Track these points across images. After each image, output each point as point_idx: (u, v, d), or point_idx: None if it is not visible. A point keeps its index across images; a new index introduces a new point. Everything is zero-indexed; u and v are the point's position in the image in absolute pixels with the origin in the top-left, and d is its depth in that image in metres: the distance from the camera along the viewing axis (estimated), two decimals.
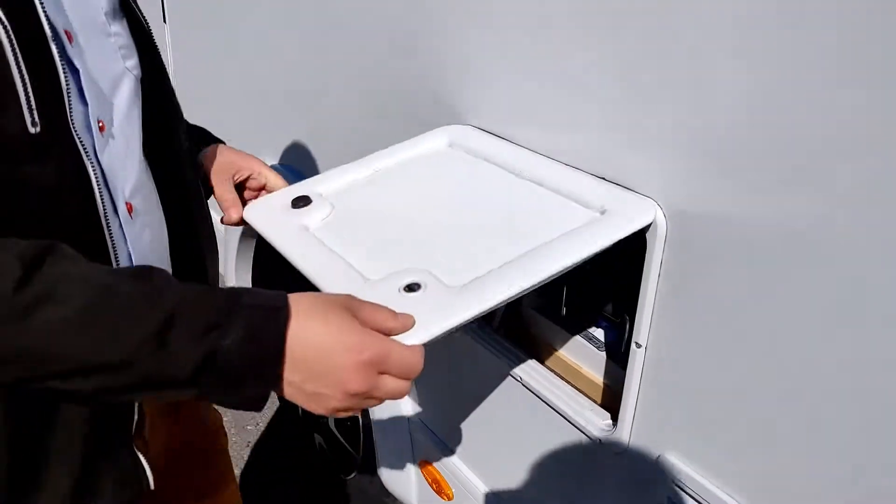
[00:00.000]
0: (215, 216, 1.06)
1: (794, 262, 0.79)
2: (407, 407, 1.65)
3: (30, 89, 0.68)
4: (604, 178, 1.00)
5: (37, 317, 0.59)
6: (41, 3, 0.70)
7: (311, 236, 0.98)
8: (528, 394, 1.25)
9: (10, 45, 0.66)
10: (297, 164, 1.86)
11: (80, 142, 0.74)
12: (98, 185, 0.76)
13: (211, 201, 1.08)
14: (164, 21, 2.37)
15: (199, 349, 0.62)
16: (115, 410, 0.84)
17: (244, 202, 1.09)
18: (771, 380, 0.85)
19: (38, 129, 0.69)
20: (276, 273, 1.57)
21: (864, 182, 0.71)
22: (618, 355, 1.27)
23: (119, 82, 0.85)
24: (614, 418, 1.14)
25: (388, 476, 1.74)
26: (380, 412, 1.72)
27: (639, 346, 1.00)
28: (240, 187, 1.10)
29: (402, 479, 1.70)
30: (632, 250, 1.16)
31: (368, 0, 1.40)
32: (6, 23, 0.66)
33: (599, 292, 1.30)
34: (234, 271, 2.16)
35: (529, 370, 1.26)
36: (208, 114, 1.57)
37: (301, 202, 1.04)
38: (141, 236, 0.86)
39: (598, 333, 1.34)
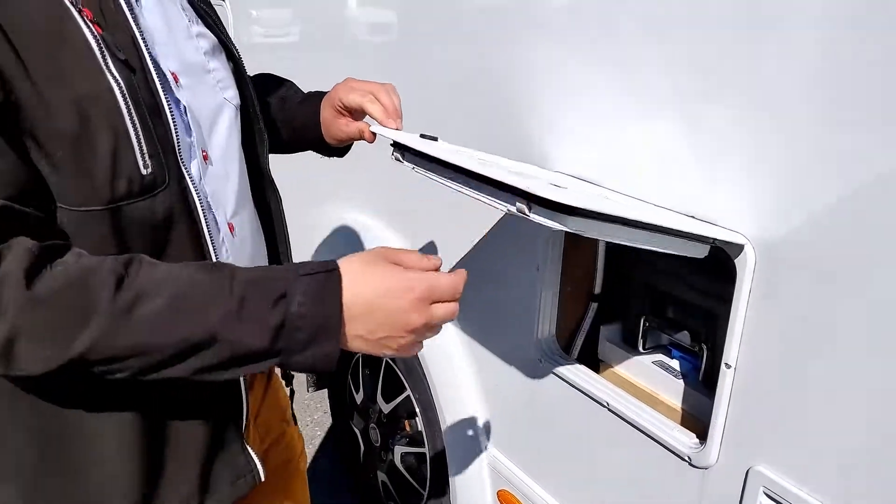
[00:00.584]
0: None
1: (865, 285, 0.90)
2: (483, 437, 1.75)
3: (141, 137, 0.78)
4: (693, 217, 1.13)
5: (136, 314, 0.70)
6: (149, 53, 0.81)
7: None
8: (614, 418, 1.35)
9: (124, 99, 0.76)
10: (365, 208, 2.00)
11: (188, 172, 0.84)
12: (203, 209, 0.86)
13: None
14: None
15: (272, 318, 0.73)
16: (227, 407, 0.94)
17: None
18: (844, 393, 0.95)
19: (150, 169, 0.79)
20: None
21: None
22: (694, 382, 1.37)
23: (219, 113, 0.95)
24: (699, 438, 1.23)
25: None
26: (454, 444, 1.81)
27: (728, 366, 1.10)
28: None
29: None
30: (707, 287, 1.28)
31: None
32: (119, 79, 0.76)
33: (675, 324, 1.40)
34: None
35: (615, 395, 1.36)
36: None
37: (429, 137, 1.14)
38: (242, 253, 0.97)
39: (674, 363, 1.45)
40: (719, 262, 1.27)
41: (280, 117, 1.23)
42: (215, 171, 0.93)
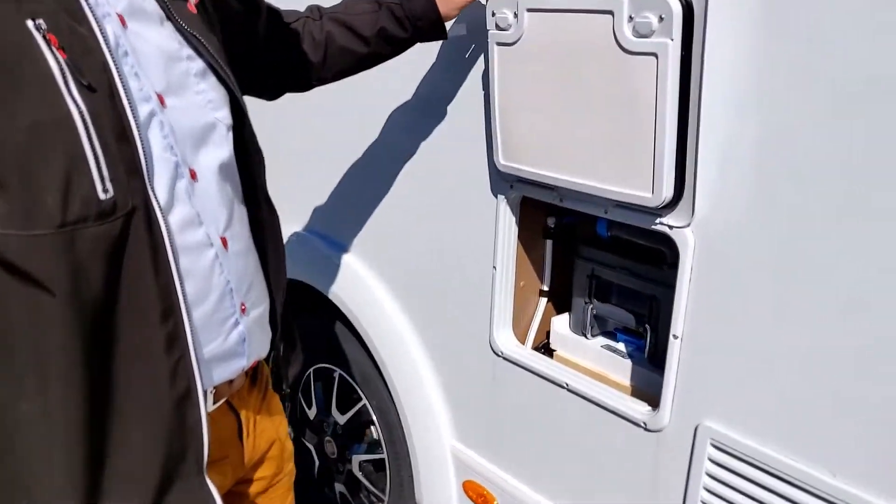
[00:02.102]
0: None
1: (782, 264, 1.10)
2: (446, 432, 1.86)
3: (101, 161, 0.80)
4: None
5: None
6: (119, 76, 0.83)
7: None
8: (573, 397, 1.50)
9: (84, 124, 0.78)
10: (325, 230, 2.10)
11: (155, 196, 0.86)
12: (170, 234, 0.88)
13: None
14: None
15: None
16: (187, 437, 0.93)
17: None
18: (774, 351, 1.14)
19: (110, 193, 0.81)
20: None
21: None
22: (640, 360, 1.54)
23: (209, 132, 0.97)
24: (651, 406, 1.40)
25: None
26: (418, 442, 1.92)
27: (676, 337, 1.28)
28: None
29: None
30: (648, 275, 1.46)
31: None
32: (81, 104, 0.78)
33: (620, 310, 1.58)
34: None
35: (573, 376, 1.51)
36: None
37: None
38: (236, 266, 1.00)
39: (620, 346, 1.62)
40: (656, 253, 1.46)
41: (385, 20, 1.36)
42: (204, 188, 0.96)
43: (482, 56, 1.46)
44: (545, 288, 1.73)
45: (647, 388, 1.50)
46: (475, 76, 1.50)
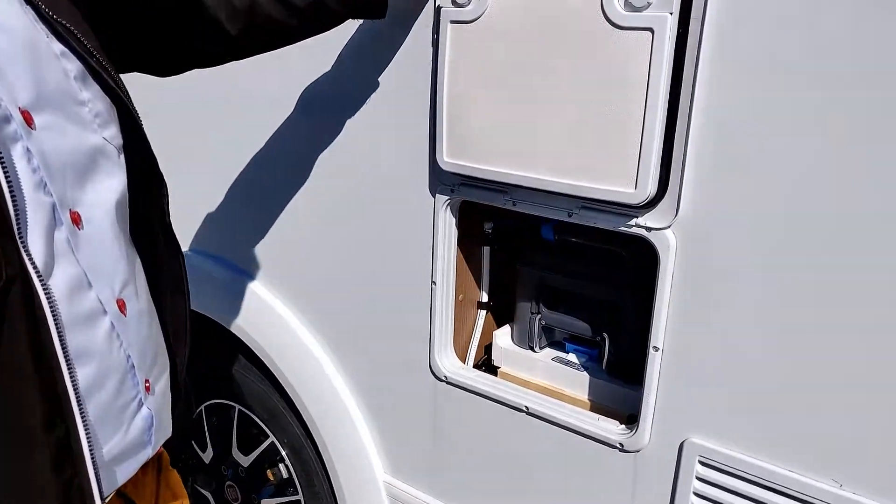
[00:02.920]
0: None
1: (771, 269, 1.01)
2: (377, 468, 1.66)
3: None
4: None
5: None
6: None
7: None
8: (534, 421, 1.35)
9: None
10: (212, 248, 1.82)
11: (31, 260, 0.66)
12: (53, 310, 0.68)
13: None
14: None
15: None
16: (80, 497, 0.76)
17: None
18: (762, 359, 1.06)
19: None
20: None
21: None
22: (597, 372, 1.42)
23: (95, 158, 0.76)
24: (622, 424, 1.28)
25: None
26: (345, 479, 1.70)
27: (656, 349, 1.16)
28: None
29: None
30: (605, 278, 1.35)
31: None
32: None
33: (573, 321, 1.45)
34: None
35: (533, 398, 1.36)
36: None
37: None
38: (137, 332, 0.81)
39: (571, 357, 1.50)
40: (612, 255, 1.34)
41: None
42: (92, 235, 0.74)
43: (415, 36, 1.28)
44: (484, 299, 1.57)
45: (608, 403, 1.38)
46: (408, 59, 1.31)
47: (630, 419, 1.33)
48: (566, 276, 1.42)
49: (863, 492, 1.02)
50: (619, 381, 1.38)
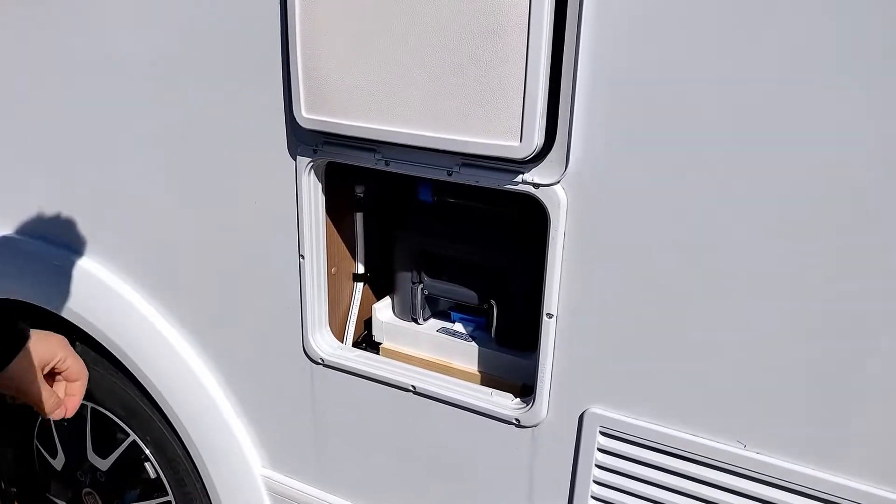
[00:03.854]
0: None
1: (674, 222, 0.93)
2: (254, 461, 1.50)
3: None
4: None
5: None
6: None
7: None
8: (423, 401, 1.24)
9: None
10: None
11: None
12: None
13: None
14: None
15: None
16: None
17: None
18: (678, 319, 0.98)
19: None
20: None
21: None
22: (485, 341, 1.32)
23: None
24: (517, 396, 1.19)
25: None
26: (217, 476, 1.53)
27: (550, 316, 1.06)
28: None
29: None
30: (488, 241, 1.24)
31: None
32: None
33: (458, 289, 1.33)
34: None
35: (420, 376, 1.24)
36: None
37: None
38: None
39: (458, 327, 1.38)
40: (497, 215, 1.23)
41: None
42: None
43: None
44: (360, 271, 1.43)
45: (500, 374, 1.29)
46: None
47: (525, 390, 1.24)
48: (448, 240, 1.30)
49: (767, 452, 0.97)
50: (511, 350, 1.29)
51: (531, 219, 1.18)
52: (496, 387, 1.24)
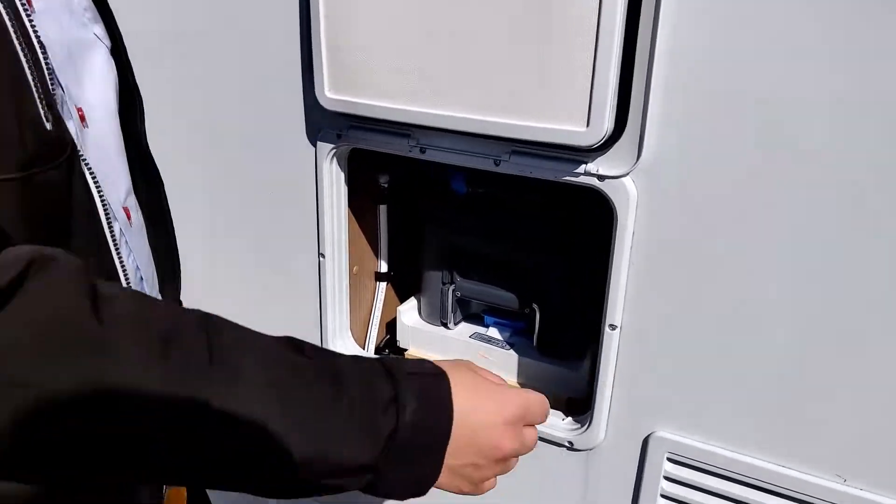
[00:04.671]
0: None
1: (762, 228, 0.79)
2: None
3: (36, 79, 0.53)
4: None
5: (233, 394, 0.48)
6: None
7: None
8: None
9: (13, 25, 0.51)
10: None
11: (77, 136, 0.60)
12: (98, 188, 0.62)
13: None
14: None
15: (384, 426, 0.54)
16: None
17: None
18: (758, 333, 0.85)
19: (51, 125, 0.55)
20: None
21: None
22: (525, 349, 1.19)
23: (90, 54, 0.66)
24: (569, 415, 1.05)
25: None
26: None
27: (614, 327, 0.93)
28: None
29: None
30: (533, 239, 1.10)
31: None
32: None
33: (496, 290, 1.19)
34: None
35: None
36: None
37: None
38: (141, 247, 0.73)
39: (493, 333, 1.25)
40: (538, 209, 1.09)
41: None
42: (96, 136, 0.65)
43: None
44: (383, 269, 1.29)
45: (541, 385, 1.15)
46: None
47: (571, 405, 1.11)
48: (484, 236, 1.16)
49: (872, 489, 0.84)
50: (555, 359, 1.15)
51: (581, 213, 1.04)
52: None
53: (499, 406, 0.61)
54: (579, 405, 1.11)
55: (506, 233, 1.14)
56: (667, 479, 0.96)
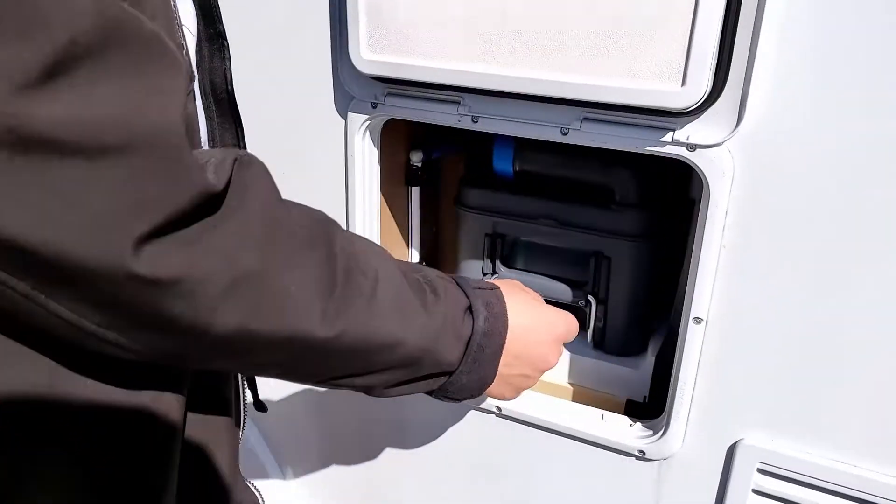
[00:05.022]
0: None
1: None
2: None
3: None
4: None
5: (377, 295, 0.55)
6: None
7: None
8: (507, 424, 0.98)
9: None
10: None
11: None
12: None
13: None
14: None
15: (464, 330, 0.63)
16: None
17: None
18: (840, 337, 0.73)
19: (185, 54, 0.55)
20: None
21: None
22: (579, 346, 1.06)
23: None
24: (636, 420, 0.93)
25: None
26: None
27: (699, 321, 0.80)
28: None
29: None
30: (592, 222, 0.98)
31: None
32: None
33: (547, 281, 1.07)
34: None
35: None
36: None
37: None
38: None
39: None
40: (596, 190, 0.97)
41: None
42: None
43: None
44: (415, 258, 1.16)
45: (598, 386, 1.04)
46: None
47: (630, 407, 0.99)
48: (530, 220, 1.03)
49: None
50: (612, 357, 1.03)
51: (646, 190, 0.92)
52: (592, 403, 0.99)
53: (550, 325, 0.72)
54: (639, 408, 1.00)
55: (557, 217, 1.01)
56: (756, 492, 0.84)
